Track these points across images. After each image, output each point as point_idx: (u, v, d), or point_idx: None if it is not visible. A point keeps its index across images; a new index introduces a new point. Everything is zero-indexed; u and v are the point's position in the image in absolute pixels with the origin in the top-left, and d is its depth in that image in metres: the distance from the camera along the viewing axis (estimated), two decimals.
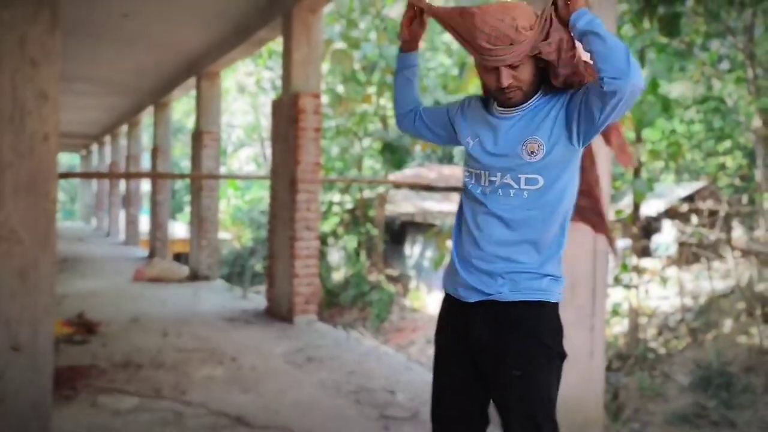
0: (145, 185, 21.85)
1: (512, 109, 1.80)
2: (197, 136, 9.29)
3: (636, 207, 11.96)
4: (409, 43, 2.06)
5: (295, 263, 6.18)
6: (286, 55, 6.39)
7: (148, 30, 7.89)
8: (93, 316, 6.12)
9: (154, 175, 10.67)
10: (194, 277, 9.19)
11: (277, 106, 6.66)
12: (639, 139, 11.41)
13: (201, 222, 9.14)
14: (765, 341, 10.44)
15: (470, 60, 8.94)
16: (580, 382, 3.37)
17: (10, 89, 2.34)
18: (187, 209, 27.43)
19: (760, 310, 11.02)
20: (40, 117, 2.39)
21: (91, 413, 3.66)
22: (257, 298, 8.11)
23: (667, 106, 9.75)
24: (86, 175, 18.06)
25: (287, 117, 6.30)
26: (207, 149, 9.14)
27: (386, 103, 14.55)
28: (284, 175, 6.34)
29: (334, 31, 8.91)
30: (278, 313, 6.49)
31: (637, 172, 11.39)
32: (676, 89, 18.63)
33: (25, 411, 2.42)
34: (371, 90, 10.17)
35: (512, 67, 1.70)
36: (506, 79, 1.70)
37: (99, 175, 16.43)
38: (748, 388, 9.53)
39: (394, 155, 8.10)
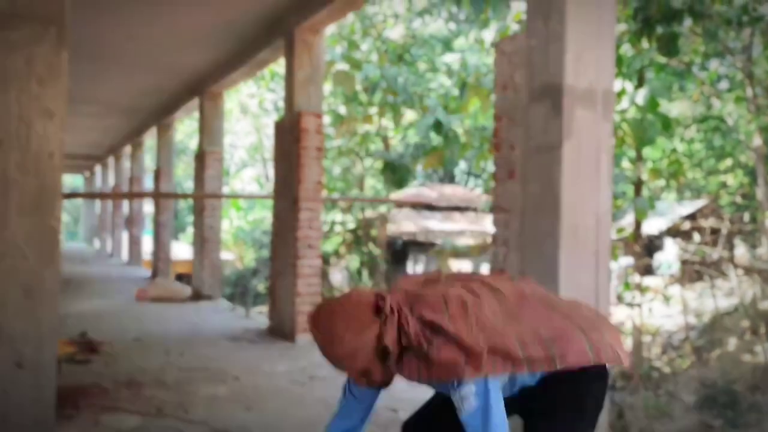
0: (148, 206, 21.96)
1: None
2: (200, 157, 9.35)
3: (638, 225, 11.94)
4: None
5: (298, 282, 6.19)
6: (289, 76, 6.45)
7: (151, 52, 7.98)
8: (95, 335, 6.12)
9: (157, 195, 10.71)
10: (197, 296, 9.19)
11: (279, 126, 6.71)
12: (639, 158, 11.44)
13: (204, 242, 9.16)
14: None
15: (471, 80, 9.02)
16: None
17: (17, 107, 2.37)
18: (190, 230, 27.49)
19: (765, 328, 10.98)
20: (45, 135, 2.42)
21: None
22: (260, 318, 8.10)
23: (667, 125, 9.78)
24: (90, 196, 18.10)
25: (289, 137, 6.34)
26: (210, 170, 9.19)
27: (387, 123, 14.64)
28: (286, 194, 6.37)
29: (335, 53, 9.00)
30: (280, 332, 6.48)
31: (638, 190, 11.40)
32: (675, 108, 18.73)
33: (28, 428, 2.43)
34: (372, 110, 10.25)
35: (359, 372, 1.74)
36: (359, 382, 1.78)
37: (102, 196, 16.49)
38: (753, 406, 9.46)
39: (395, 174, 8.16)
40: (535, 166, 3.47)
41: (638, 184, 11.65)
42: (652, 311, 14.06)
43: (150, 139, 15.09)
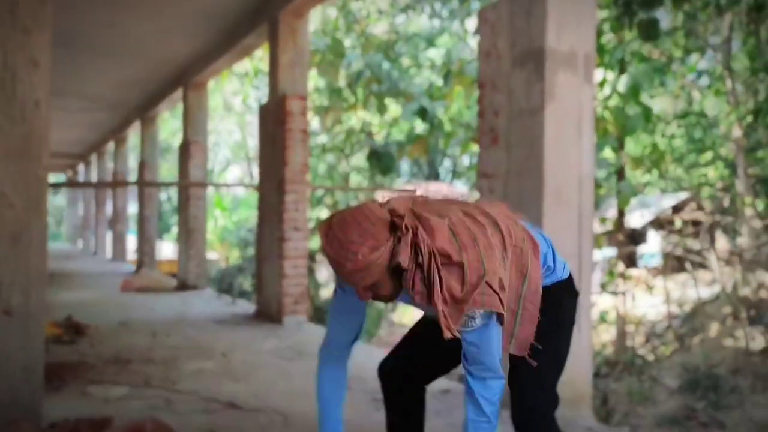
0: (132, 206, 21.81)
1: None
2: (184, 147, 9.33)
3: (621, 213, 12.09)
4: None
5: (284, 264, 6.20)
6: (273, 60, 6.47)
7: (134, 40, 7.95)
8: (81, 320, 6.08)
9: (142, 184, 10.67)
10: (183, 287, 9.16)
11: (264, 110, 6.72)
12: (621, 147, 11.56)
13: (189, 232, 9.13)
14: (751, 343, 10.54)
15: (455, 68, 9.08)
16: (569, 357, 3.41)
17: (2, 56, 2.37)
18: (175, 229, 27.31)
19: (745, 313, 11.14)
20: (31, 84, 2.43)
21: (81, 402, 3.64)
22: (246, 305, 8.10)
23: (648, 115, 9.90)
24: (75, 185, 17.76)
25: (274, 119, 6.36)
26: (194, 159, 9.17)
27: (372, 117, 14.67)
28: (272, 177, 6.39)
29: (320, 44, 9.02)
30: (267, 314, 6.49)
31: (620, 178, 11.52)
32: (656, 104, 18.95)
33: (16, 375, 2.42)
34: (356, 102, 10.27)
35: (367, 286, 1.69)
36: (364, 296, 1.71)
37: (87, 185, 16.35)
38: (735, 389, 9.60)
39: (381, 162, 8.18)
40: (519, 130, 3.52)
41: (620, 173, 11.79)
42: (635, 300, 14.23)
43: (134, 134, 15.01)
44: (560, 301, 1.98)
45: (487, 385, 1.81)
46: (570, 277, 2.04)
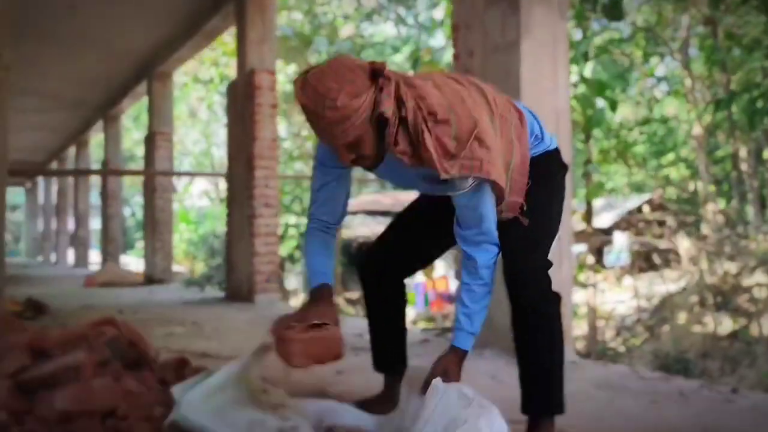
0: (94, 222, 21.29)
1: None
2: (150, 137, 9.14)
3: (589, 206, 12.19)
4: None
5: (255, 241, 6.06)
6: (241, 37, 6.38)
7: (95, 29, 7.75)
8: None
9: (107, 173, 10.42)
10: (149, 281, 8.91)
11: (232, 88, 6.61)
12: (588, 138, 11.69)
13: (155, 224, 8.92)
14: (719, 328, 10.68)
15: (423, 55, 9.09)
16: None
17: None
18: (139, 245, 26.74)
19: (713, 299, 11.30)
20: None
21: None
22: (216, 292, 7.91)
23: (614, 107, 10.03)
24: (36, 172, 16.92)
25: (243, 95, 6.26)
26: (160, 150, 8.99)
27: None
28: (241, 153, 6.27)
29: (287, 30, 8.96)
30: (239, 295, 6.33)
31: (587, 172, 11.64)
32: (619, 112, 19.33)
33: None
34: None
35: (349, 144, 1.55)
36: (346, 158, 1.58)
37: (49, 173, 15.84)
38: (704, 372, 9.69)
39: None
40: (494, 66, 3.49)
41: (587, 164, 11.91)
42: (605, 295, 14.35)
43: (96, 138, 14.68)
44: (550, 171, 1.93)
45: (481, 248, 1.75)
46: (558, 150, 1.99)
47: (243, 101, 6.25)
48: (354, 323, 4.79)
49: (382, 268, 2.12)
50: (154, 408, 1.44)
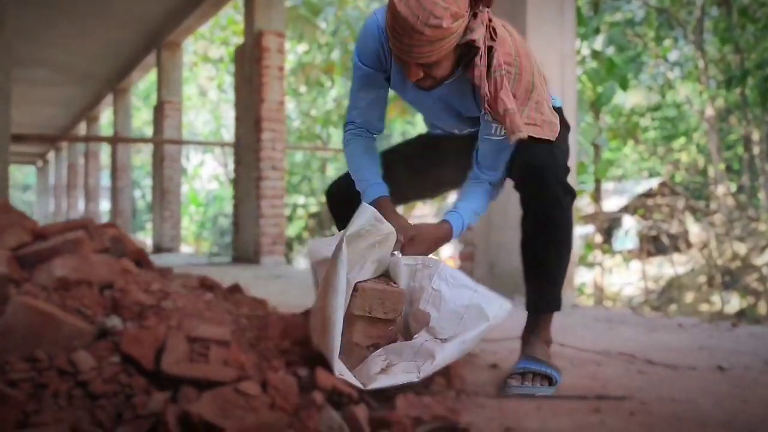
0: (105, 203, 21.38)
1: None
2: (159, 107, 9.17)
3: (598, 185, 12.14)
4: None
5: (261, 203, 6.09)
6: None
7: (103, 0, 7.76)
8: None
9: (116, 140, 10.46)
10: (157, 249, 8.98)
11: (239, 51, 6.62)
12: (597, 116, 11.62)
13: (163, 193, 8.96)
14: (726, 306, 10.64)
15: None
16: None
17: None
18: (149, 226, 26.89)
19: (720, 279, 11.25)
20: None
21: None
22: (223, 258, 7.95)
23: (624, 84, 9.95)
24: (44, 139, 16.81)
25: (250, 57, 6.26)
26: (169, 119, 9.01)
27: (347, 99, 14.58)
28: (249, 116, 6.28)
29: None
30: (245, 257, 6.37)
31: (597, 151, 11.57)
32: (631, 98, 19.21)
33: None
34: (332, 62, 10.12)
35: (426, 64, 1.52)
36: (413, 75, 1.55)
37: (61, 139, 15.88)
38: None
39: None
40: (499, 7, 3.47)
41: (597, 146, 11.85)
42: (612, 274, 14.32)
43: (106, 113, 14.74)
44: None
45: (491, 175, 1.79)
46: (561, 109, 1.96)
47: (250, 63, 6.26)
48: None
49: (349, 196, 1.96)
50: (152, 284, 1.46)
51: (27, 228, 1.53)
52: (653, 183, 20.39)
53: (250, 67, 6.28)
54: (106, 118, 15.61)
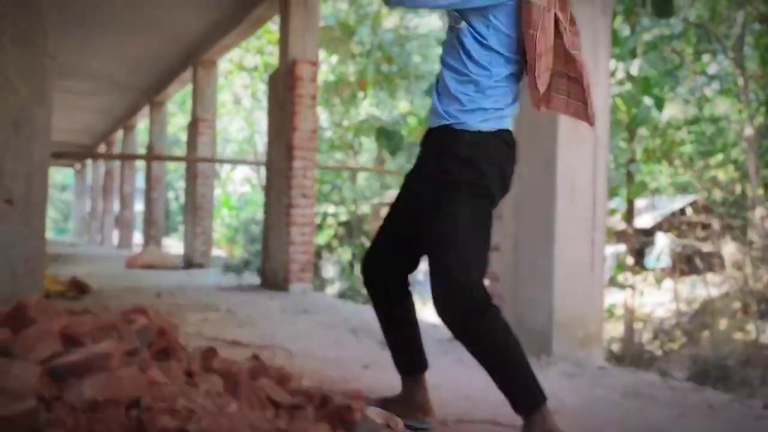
0: (139, 204, 21.77)
1: None
2: (193, 123, 9.31)
3: (631, 205, 11.98)
4: None
5: (291, 230, 6.13)
6: (283, 26, 6.43)
7: (144, 16, 7.91)
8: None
9: (150, 158, 10.66)
10: (188, 264, 9.11)
11: (273, 78, 6.68)
12: (632, 138, 11.48)
13: (196, 209, 9.09)
14: (761, 336, 10.39)
15: None
16: (580, 296, 3.33)
17: None
18: (181, 228, 27.29)
19: (756, 306, 10.99)
20: None
21: None
22: (253, 278, 8.04)
23: (660, 105, 9.81)
24: (82, 155, 17.26)
25: (284, 85, 6.31)
26: (203, 136, 9.14)
27: (381, 111, 14.63)
28: (281, 143, 6.33)
29: (330, 20, 9.00)
30: (274, 283, 6.42)
31: (630, 172, 11.42)
32: (667, 111, 18.86)
33: (18, 266, 2.36)
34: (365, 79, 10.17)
35: None
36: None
37: (97, 155, 16.29)
38: (745, 380, 9.44)
39: (390, 141, 8.11)
40: None
41: (630, 163, 11.69)
42: (644, 295, 14.08)
43: (142, 123, 15.01)
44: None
45: None
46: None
47: (284, 91, 6.31)
48: None
49: (382, 270, 2.06)
50: (177, 399, 1.48)
51: (59, 333, 1.57)
52: (688, 200, 20.03)
53: (283, 94, 6.33)
54: (143, 123, 15.90)
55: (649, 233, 20.09)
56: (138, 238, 17.95)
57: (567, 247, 3.28)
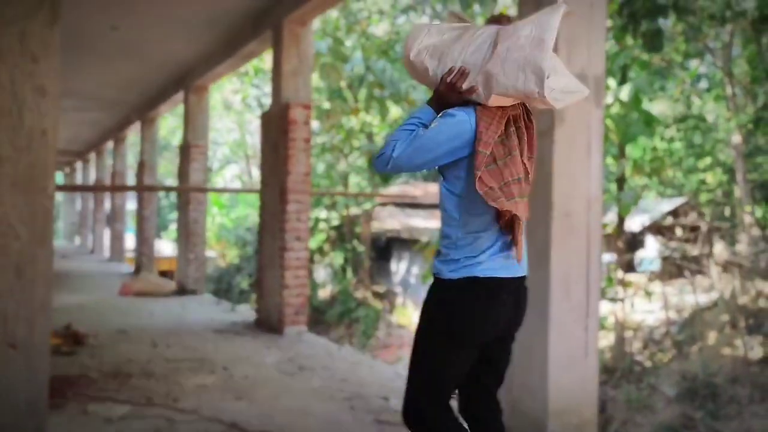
0: (131, 203, 21.67)
1: None
2: (185, 150, 9.28)
3: (621, 220, 12.06)
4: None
5: (285, 274, 6.16)
6: (276, 67, 6.43)
7: (136, 43, 7.89)
8: (80, 328, 6.03)
9: (142, 189, 10.62)
10: (181, 291, 9.12)
11: (266, 118, 6.68)
12: (623, 154, 11.54)
13: (188, 236, 9.09)
14: (749, 352, 10.54)
15: None
16: (575, 382, 3.39)
17: (9, 84, 2.34)
18: (172, 227, 27.22)
19: (744, 322, 11.14)
20: (39, 112, 2.39)
21: (82, 421, 3.61)
22: (246, 311, 8.06)
23: (650, 121, 9.88)
24: (74, 189, 17.57)
25: (277, 128, 6.31)
26: (194, 162, 9.12)
27: (372, 119, 14.61)
28: (274, 185, 6.35)
29: (321, 46, 8.99)
30: (268, 324, 6.46)
31: (621, 185, 11.51)
32: (656, 107, 18.93)
33: (20, 409, 2.39)
34: (358, 105, 10.18)
35: None
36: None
37: (87, 189, 16.32)
38: (733, 398, 9.60)
39: None
40: None
41: (621, 180, 11.77)
42: (634, 306, 14.23)
43: (133, 134, 14.94)
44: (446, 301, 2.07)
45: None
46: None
47: (277, 133, 6.31)
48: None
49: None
50: None
51: None
52: (676, 202, 20.17)
53: (276, 136, 6.33)
54: (132, 138, 15.82)
55: (638, 236, 20.25)
56: (130, 240, 17.77)
57: (561, 335, 3.33)
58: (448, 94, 1.96)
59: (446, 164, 1.95)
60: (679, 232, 19.11)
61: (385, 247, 19.98)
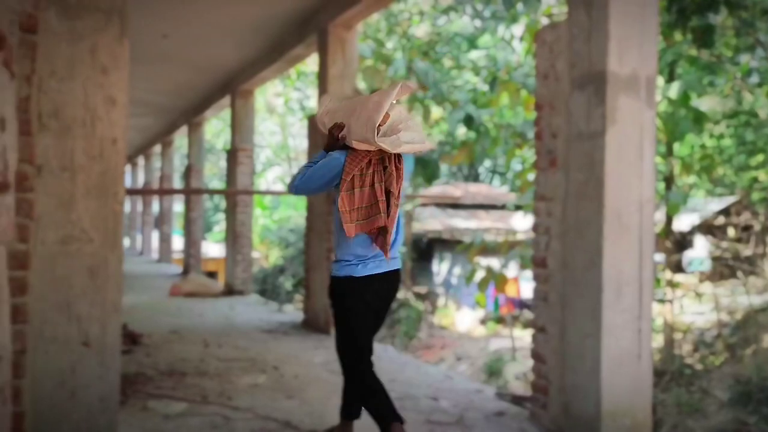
0: (178, 205, 22.13)
1: None
2: (232, 154, 9.47)
3: (669, 220, 11.82)
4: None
5: None
6: (322, 71, 6.51)
7: (185, 50, 8.10)
8: (135, 328, 6.23)
9: (190, 192, 10.87)
10: (229, 291, 9.30)
11: (313, 120, 6.77)
12: (671, 153, 11.32)
13: (236, 237, 9.27)
14: None
15: (501, 74, 9.00)
16: (628, 385, 3.36)
17: (83, 96, 2.46)
18: (217, 229, 27.66)
19: None
20: (109, 122, 2.51)
21: (142, 417, 3.73)
22: (292, 312, 8.18)
23: (699, 119, 9.67)
24: (126, 192, 18.24)
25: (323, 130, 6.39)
26: (242, 166, 9.31)
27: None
28: None
29: (365, 49, 9.05)
30: (315, 324, 6.55)
31: (669, 184, 11.28)
32: (705, 103, 18.46)
33: (94, 405, 2.50)
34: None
35: None
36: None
37: (137, 192, 16.75)
38: None
39: (426, 170, 8.15)
40: (578, 153, 3.47)
41: (669, 179, 11.54)
42: (683, 308, 13.91)
43: (179, 137, 15.29)
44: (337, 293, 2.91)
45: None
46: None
47: (323, 136, 6.39)
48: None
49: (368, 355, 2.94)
50: None
51: None
52: (727, 201, 19.64)
53: (322, 138, 6.41)
54: (178, 141, 16.18)
55: (687, 236, 19.79)
56: (177, 241, 18.16)
57: (614, 337, 3.31)
58: (332, 141, 2.85)
59: (332, 188, 2.76)
60: (730, 231, 18.61)
61: (426, 248, 20.00)
